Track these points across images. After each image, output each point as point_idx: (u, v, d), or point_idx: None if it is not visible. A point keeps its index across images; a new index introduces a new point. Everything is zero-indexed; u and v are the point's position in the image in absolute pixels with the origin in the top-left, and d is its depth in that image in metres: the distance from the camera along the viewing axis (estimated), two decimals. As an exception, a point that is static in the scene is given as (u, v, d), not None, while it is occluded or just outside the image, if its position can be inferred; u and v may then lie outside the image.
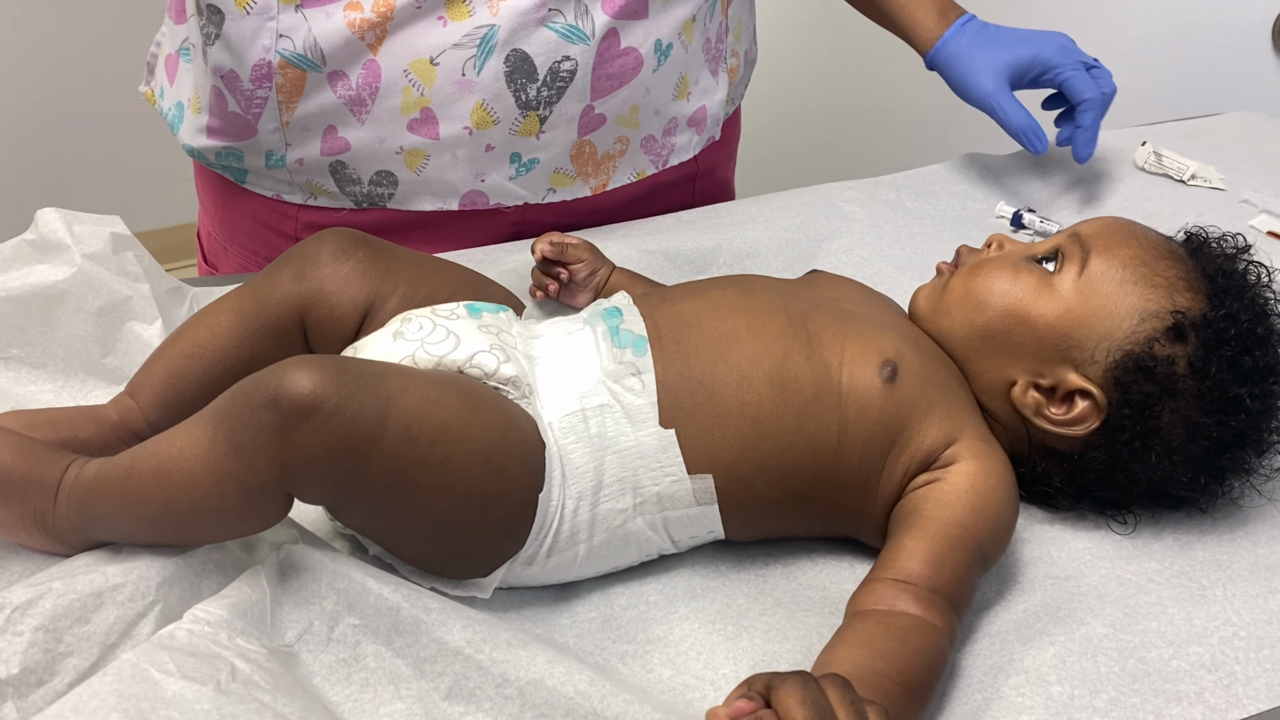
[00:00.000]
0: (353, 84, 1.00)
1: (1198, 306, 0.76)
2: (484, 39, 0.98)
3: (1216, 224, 0.87)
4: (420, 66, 0.99)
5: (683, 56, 1.08)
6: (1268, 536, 0.79)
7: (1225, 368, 0.75)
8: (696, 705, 0.66)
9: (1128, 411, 0.76)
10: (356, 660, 0.64)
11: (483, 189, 1.06)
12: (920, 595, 0.67)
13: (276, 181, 1.08)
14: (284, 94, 1.01)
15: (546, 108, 1.02)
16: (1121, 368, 0.76)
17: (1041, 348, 0.78)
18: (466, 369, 0.71)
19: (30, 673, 0.59)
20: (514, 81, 1.00)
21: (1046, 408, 0.78)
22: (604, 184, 1.11)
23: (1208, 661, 0.69)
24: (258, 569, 0.65)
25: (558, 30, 0.99)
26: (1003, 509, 0.73)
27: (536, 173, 1.06)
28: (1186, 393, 0.75)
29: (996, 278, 0.81)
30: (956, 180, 1.26)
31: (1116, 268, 0.78)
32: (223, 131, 1.06)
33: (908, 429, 0.74)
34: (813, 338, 0.76)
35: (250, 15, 0.98)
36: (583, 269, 0.93)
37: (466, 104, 1.00)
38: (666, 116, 1.12)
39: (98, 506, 0.65)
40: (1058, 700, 0.66)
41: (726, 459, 0.72)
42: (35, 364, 0.80)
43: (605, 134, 1.08)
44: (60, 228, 0.84)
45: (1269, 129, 1.42)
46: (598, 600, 0.73)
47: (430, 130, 1.02)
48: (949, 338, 0.81)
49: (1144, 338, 0.76)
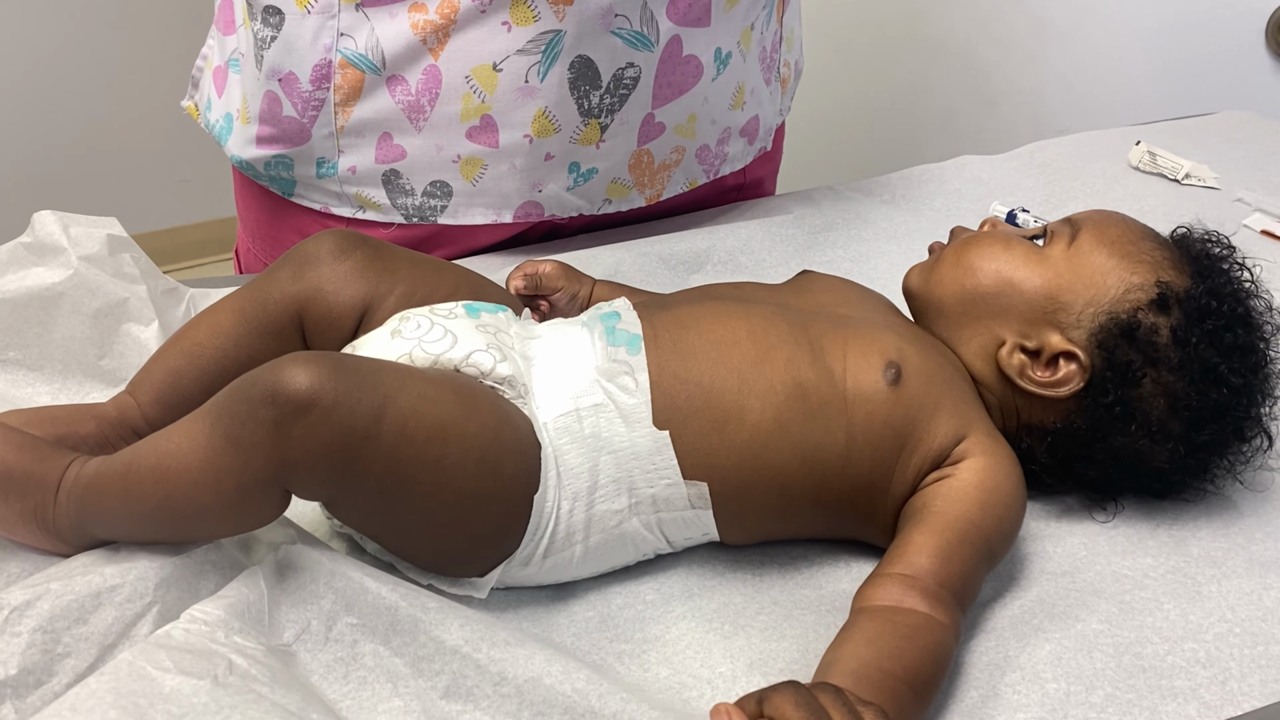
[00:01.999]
0: (412, 89, 0.99)
1: (1182, 282, 0.78)
2: (550, 44, 0.96)
3: (1210, 223, 0.88)
4: (483, 72, 0.98)
5: (740, 65, 1.08)
6: (1262, 533, 0.80)
7: (1207, 340, 0.76)
8: (693, 704, 0.66)
9: (1110, 374, 0.77)
10: (354, 659, 0.64)
11: (539, 199, 1.05)
12: (928, 591, 0.67)
13: (325, 193, 1.07)
14: (341, 95, 1.00)
15: (609, 115, 1.01)
16: (1105, 331, 0.77)
17: (1029, 309, 0.80)
18: (463, 367, 0.71)
19: (28, 674, 0.59)
20: (578, 89, 0.99)
21: (1031, 369, 0.79)
22: (659, 194, 1.10)
23: (1203, 658, 0.69)
24: (255, 569, 0.65)
25: (624, 36, 0.98)
26: (1010, 505, 0.73)
27: (595, 182, 1.06)
28: (1168, 362, 0.76)
29: (988, 246, 0.83)
30: (950, 180, 1.26)
31: (1105, 243, 0.81)
32: (274, 139, 1.05)
33: (917, 430, 0.74)
34: (814, 344, 0.76)
35: (312, 14, 0.97)
36: (561, 297, 0.90)
37: (529, 111, 0.99)
38: (721, 126, 1.11)
39: (97, 503, 0.65)
40: (1054, 697, 0.66)
41: (724, 466, 0.72)
42: (33, 366, 0.80)
43: (663, 143, 1.07)
44: (57, 230, 0.84)
45: (1263, 128, 1.43)
46: (595, 600, 0.73)
47: (490, 138, 1.00)
48: (940, 305, 0.83)
49: (1129, 305, 0.78)
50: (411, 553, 0.70)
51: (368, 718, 0.62)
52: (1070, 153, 1.34)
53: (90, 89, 2.42)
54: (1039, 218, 1.16)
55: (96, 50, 2.40)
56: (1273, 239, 1.17)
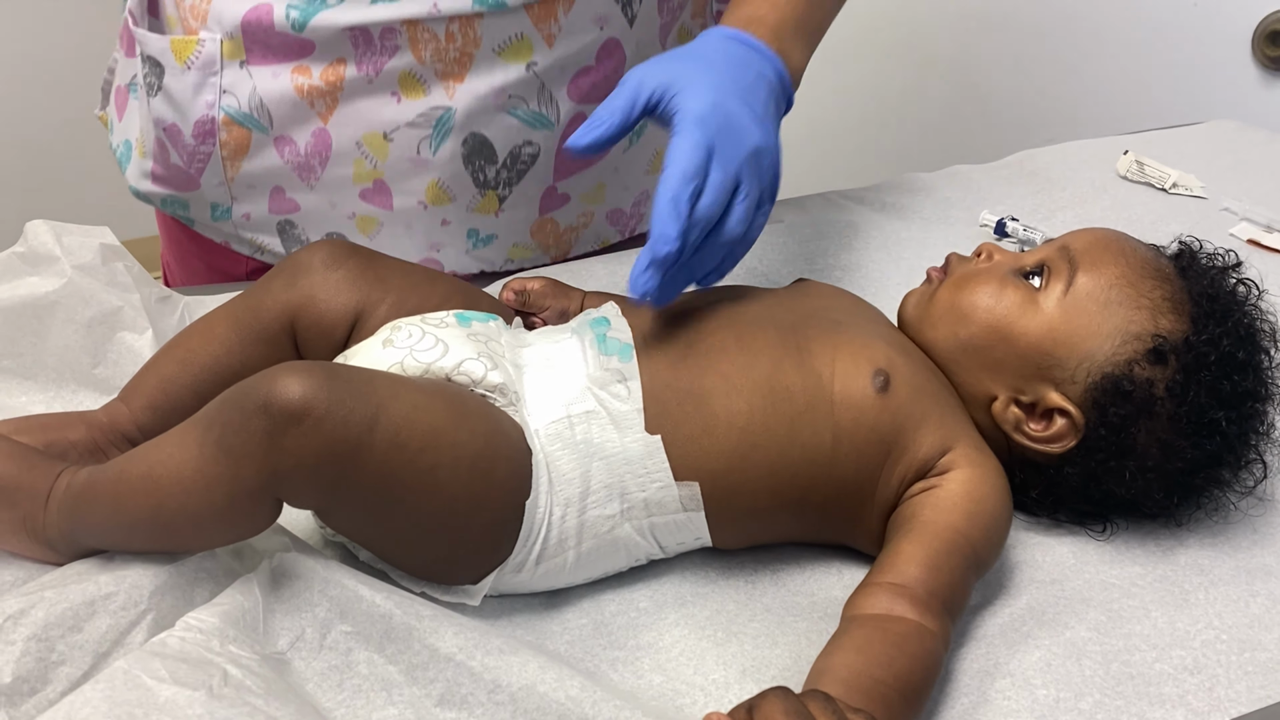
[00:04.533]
0: (301, 150, 0.96)
1: (1181, 329, 0.77)
2: (440, 120, 0.94)
3: (1196, 232, 0.88)
4: (374, 140, 0.95)
5: (658, 133, 0.95)
6: (1248, 541, 0.80)
7: (1203, 392, 0.75)
8: (687, 711, 0.67)
9: (1104, 432, 0.76)
10: (349, 667, 0.64)
11: (438, 259, 1.02)
12: (917, 600, 0.68)
13: (223, 233, 1.05)
14: (229, 151, 0.97)
15: (506, 188, 0.98)
16: (1100, 389, 0.76)
17: (1023, 365, 0.78)
18: (454, 376, 0.72)
19: (23, 681, 0.59)
20: (472, 163, 0.96)
21: (1026, 424, 0.78)
22: (565, 253, 1.07)
23: (1190, 665, 0.70)
24: (250, 577, 0.65)
25: (520, 116, 0.95)
26: (997, 515, 0.74)
27: (494, 247, 1.03)
28: (1163, 415, 0.76)
29: (982, 292, 0.81)
30: (941, 189, 1.27)
31: (1102, 287, 0.78)
32: (167, 180, 1.03)
33: (903, 438, 0.74)
34: (803, 348, 0.76)
35: (192, 69, 0.95)
36: (550, 315, 0.88)
37: (422, 180, 0.97)
38: (637, 189, 1.08)
39: (88, 513, 0.65)
40: (1043, 703, 0.67)
41: (714, 468, 0.73)
42: (26, 375, 0.80)
43: (569, 211, 1.04)
44: (50, 240, 0.85)
45: (1249, 138, 1.44)
46: (588, 606, 0.74)
47: (384, 200, 0.98)
48: (933, 348, 0.82)
49: (1124, 360, 0.76)
50: (404, 560, 0.71)
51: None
52: (1059, 161, 1.34)
53: (79, 95, 2.41)
54: (1028, 226, 1.16)
55: (88, 55, 2.39)
56: (1259, 248, 1.18)
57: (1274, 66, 1.73)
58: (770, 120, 0.81)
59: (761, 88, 0.81)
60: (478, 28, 0.92)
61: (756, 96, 0.80)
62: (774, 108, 0.83)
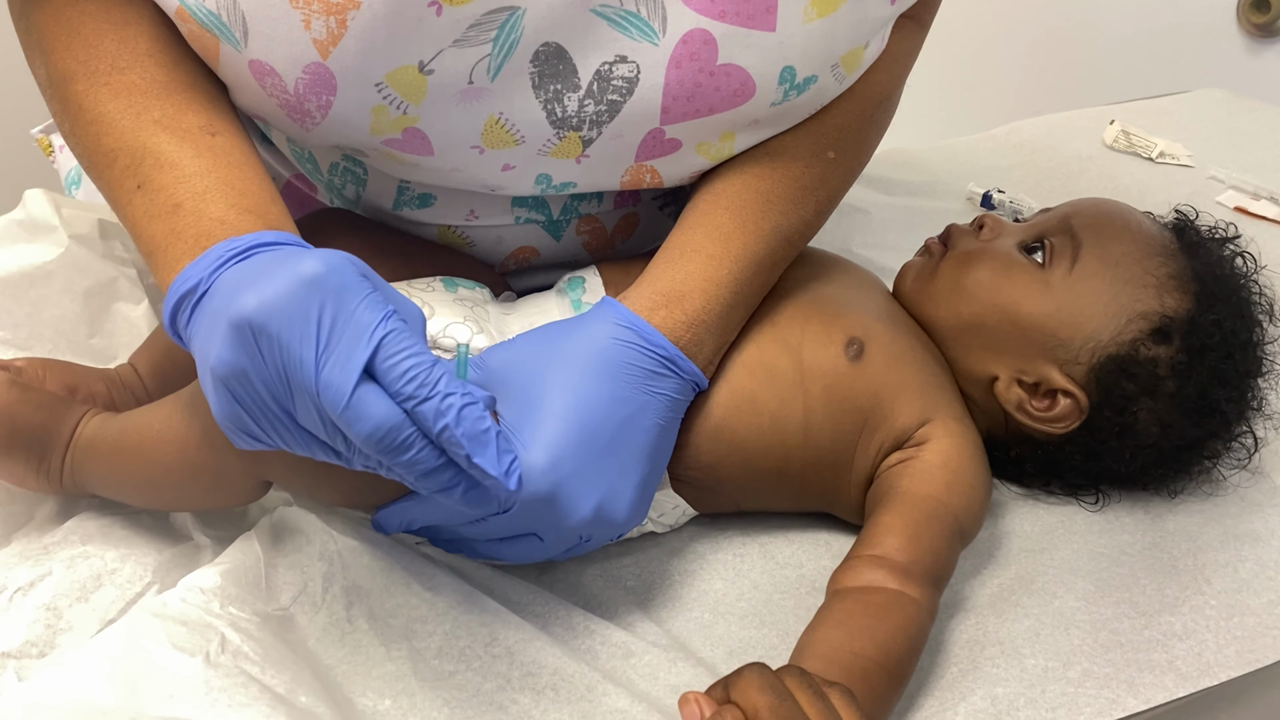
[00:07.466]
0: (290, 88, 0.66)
1: (1185, 308, 0.76)
2: (503, 27, 0.83)
3: (1185, 200, 0.88)
4: (403, 77, 0.74)
5: None
6: (1237, 508, 0.80)
7: (1206, 372, 0.75)
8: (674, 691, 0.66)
9: (1108, 413, 0.76)
10: (349, 620, 0.65)
11: None
12: (898, 569, 0.67)
13: None
14: None
15: (594, 128, 0.71)
16: (1105, 369, 0.76)
17: (1027, 345, 0.77)
18: (440, 340, 0.71)
19: (31, 645, 0.62)
20: (546, 89, 0.69)
21: (1028, 403, 0.77)
22: None
23: (1179, 630, 0.70)
24: (250, 534, 0.67)
25: (610, 19, 0.68)
26: (976, 483, 0.73)
27: None
28: (1165, 393, 0.76)
29: (986, 271, 0.79)
30: (927, 161, 1.27)
31: (1108, 264, 0.77)
32: None
33: (880, 408, 0.74)
34: (774, 317, 0.75)
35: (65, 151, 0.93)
36: None
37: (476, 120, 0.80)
38: None
39: (91, 466, 0.68)
40: (1032, 672, 0.67)
41: (693, 441, 0.72)
42: (23, 345, 0.80)
43: None
44: (49, 209, 0.85)
45: (1235, 106, 1.44)
46: (574, 584, 0.73)
47: None
48: (932, 324, 0.80)
49: (1130, 339, 0.75)
50: None
51: (362, 683, 0.63)
52: (1045, 133, 1.34)
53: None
54: (1014, 198, 1.16)
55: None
56: (1246, 215, 1.18)
57: (1259, 34, 1.73)
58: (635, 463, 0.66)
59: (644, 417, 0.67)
60: None
61: None
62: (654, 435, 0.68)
